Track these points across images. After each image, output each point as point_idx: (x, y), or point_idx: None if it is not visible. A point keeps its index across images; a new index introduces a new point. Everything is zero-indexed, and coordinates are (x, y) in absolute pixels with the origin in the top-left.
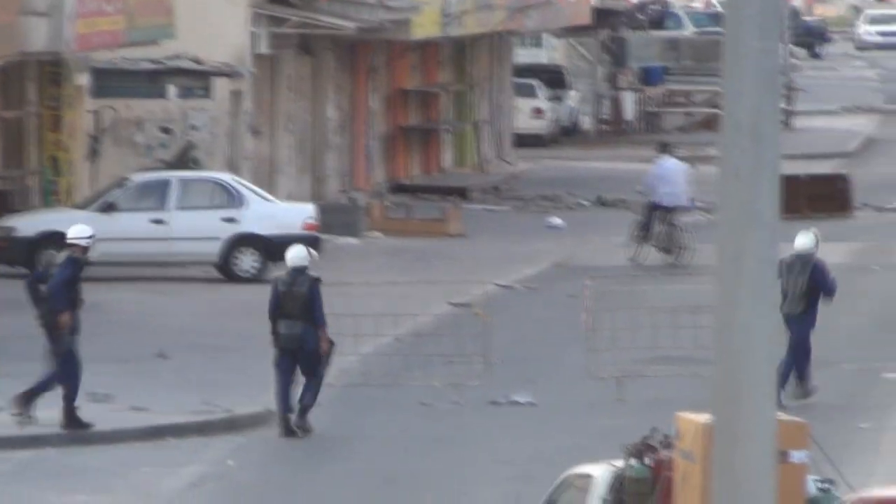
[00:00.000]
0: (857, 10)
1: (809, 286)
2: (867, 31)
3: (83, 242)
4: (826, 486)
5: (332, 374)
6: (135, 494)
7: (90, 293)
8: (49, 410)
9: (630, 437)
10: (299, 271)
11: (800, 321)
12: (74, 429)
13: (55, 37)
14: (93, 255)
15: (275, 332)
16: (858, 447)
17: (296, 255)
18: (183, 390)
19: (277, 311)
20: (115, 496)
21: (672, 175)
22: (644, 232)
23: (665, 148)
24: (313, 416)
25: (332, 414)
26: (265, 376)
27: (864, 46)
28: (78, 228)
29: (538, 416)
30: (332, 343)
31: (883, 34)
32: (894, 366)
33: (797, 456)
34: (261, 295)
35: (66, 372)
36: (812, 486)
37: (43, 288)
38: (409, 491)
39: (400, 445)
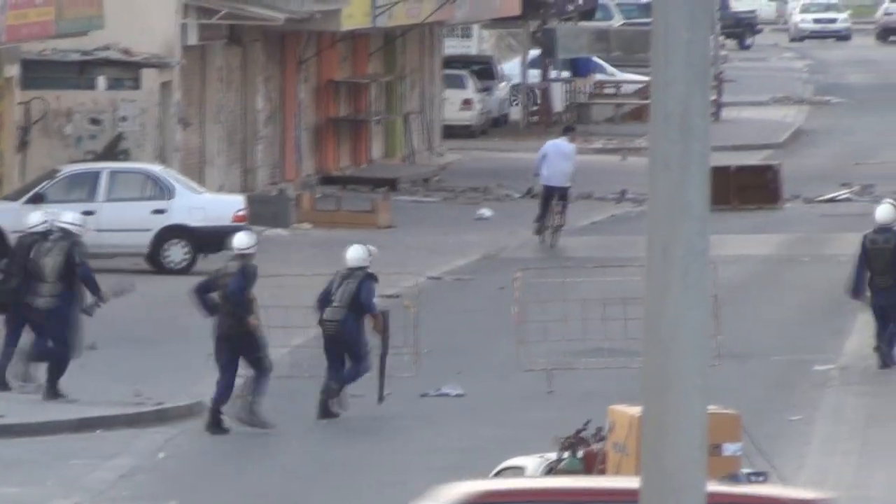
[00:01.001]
0: (784, 2)
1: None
2: (803, 19)
3: (251, 251)
4: (759, 477)
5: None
6: (65, 486)
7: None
8: None
9: (561, 430)
10: (356, 268)
11: (888, 294)
12: (216, 429)
13: None
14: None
15: (320, 319)
16: (789, 439)
17: (353, 256)
18: (113, 382)
19: (327, 300)
20: (45, 488)
21: (553, 156)
22: (542, 213)
23: (567, 131)
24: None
25: (265, 404)
26: (196, 368)
27: (800, 36)
28: (242, 238)
29: (468, 408)
30: (382, 318)
31: (818, 21)
32: (823, 357)
33: (730, 448)
34: (190, 287)
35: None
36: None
37: (214, 296)
38: (343, 480)
39: (331, 435)
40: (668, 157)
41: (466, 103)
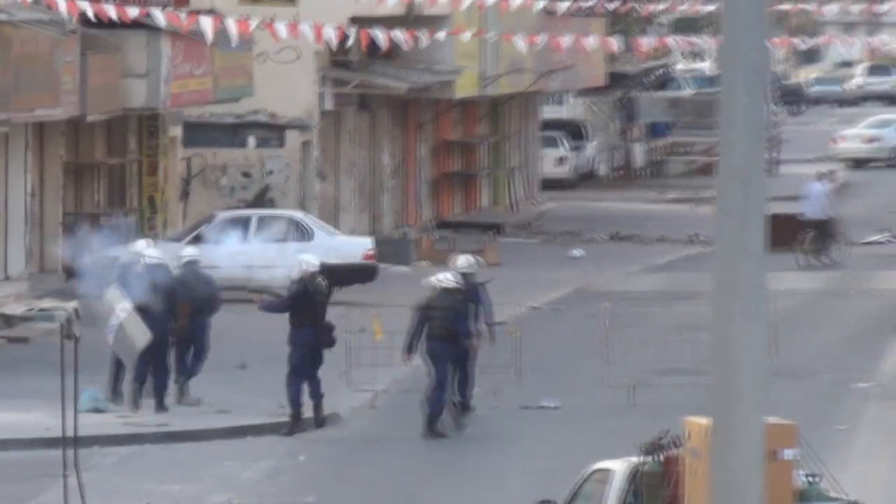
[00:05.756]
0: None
1: None
2: (869, 81)
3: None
4: (813, 478)
5: (388, 381)
6: (219, 484)
7: None
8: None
9: (641, 438)
10: None
11: None
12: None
13: (152, 95)
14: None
15: None
16: (836, 446)
17: None
18: (260, 395)
19: None
20: (202, 485)
21: (811, 194)
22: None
23: (820, 176)
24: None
25: (389, 416)
26: (330, 384)
27: (867, 96)
28: None
29: (562, 419)
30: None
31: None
32: (865, 376)
33: (787, 453)
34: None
35: None
36: (800, 479)
37: None
38: (452, 481)
39: (445, 442)
40: (731, 205)
41: (561, 160)
